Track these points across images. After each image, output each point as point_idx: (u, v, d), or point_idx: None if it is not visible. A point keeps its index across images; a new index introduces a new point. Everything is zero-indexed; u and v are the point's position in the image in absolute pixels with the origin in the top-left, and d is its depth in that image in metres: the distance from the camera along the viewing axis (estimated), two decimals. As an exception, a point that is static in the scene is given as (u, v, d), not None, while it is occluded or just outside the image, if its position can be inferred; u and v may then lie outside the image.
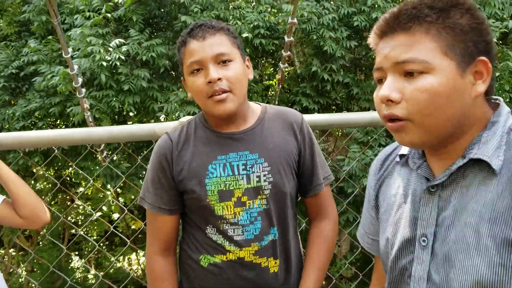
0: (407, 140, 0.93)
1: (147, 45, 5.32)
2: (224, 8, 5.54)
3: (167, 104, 5.40)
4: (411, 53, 0.89)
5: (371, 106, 5.64)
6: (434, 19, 0.89)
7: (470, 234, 0.89)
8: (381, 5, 5.40)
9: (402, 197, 1.05)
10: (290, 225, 1.49)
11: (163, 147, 1.45)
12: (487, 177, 0.89)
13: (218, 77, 1.32)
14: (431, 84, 0.87)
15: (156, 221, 1.47)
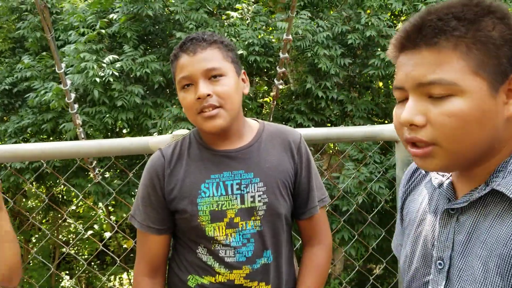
0: (431, 166, 0.86)
1: (141, 61, 5.32)
2: (219, 25, 5.56)
3: (161, 120, 5.37)
4: (437, 74, 0.80)
5: (365, 123, 5.64)
6: (463, 32, 0.79)
7: (478, 266, 0.84)
8: (375, 23, 5.44)
9: (424, 213, 1.00)
10: (284, 248, 1.42)
11: (155, 163, 1.39)
12: (507, 210, 0.83)
13: (207, 93, 1.27)
14: (460, 109, 0.79)
15: (145, 240, 1.41)
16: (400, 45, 0.85)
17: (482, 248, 0.85)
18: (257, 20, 5.72)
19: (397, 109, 0.88)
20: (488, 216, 0.85)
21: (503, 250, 0.81)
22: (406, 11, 5.68)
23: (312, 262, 1.47)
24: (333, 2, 6.06)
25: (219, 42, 1.35)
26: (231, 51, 1.38)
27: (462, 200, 0.89)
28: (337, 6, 6.01)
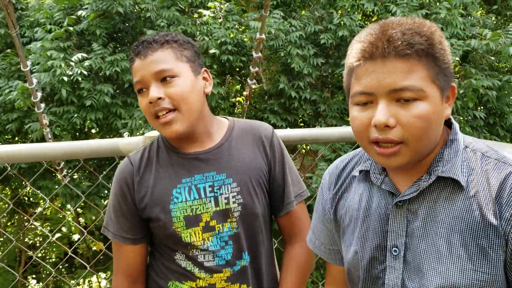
0: (395, 163, 0.97)
1: (111, 59, 5.18)
2: (191, 23, 5.48)
3: (131, 120, 5.25)
4: (408, 81, 0.91)
5: (338, 123, 5.66)
6: (425, 46, 0.92)
7: (441, 244, 0.98)
8: (347, 23, 5.47)
9: (367, 211, 1.10)
10: (263, 249, 1.39)
11: (124, 171, 1.34)
12: (454, 192, 0.98)
13: (158, 97, 1.23)
14: (426, 111, 0.92)
15: (120, 251, 1.36)
16: (367, 55, 0.94)
17: (443, 227, 0.98)
18: (230, 19, 5.66)
19: (359, 112, 0.97)
20: (438, 200, 0.99)
21: (462, 225, 0.96)
22: (377, 12, 5.74)
23: (292, 261, 1.44)
24: (306, 2, 6.06)
25: (172, 42, 1.30)
26: (188, 50, 1.33)
27: (410, 191, 1.01)
28: (309, 6, 6.01)
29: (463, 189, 0.97)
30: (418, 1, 5.67)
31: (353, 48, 0.98)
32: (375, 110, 0.94)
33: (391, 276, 1.05)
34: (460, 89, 5.25)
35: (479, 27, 5.76)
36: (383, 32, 0.93)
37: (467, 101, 5.22)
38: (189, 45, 1.34)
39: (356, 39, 1.00)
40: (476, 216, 0.95)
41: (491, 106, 5.65)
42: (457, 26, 5.50)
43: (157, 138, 1.40)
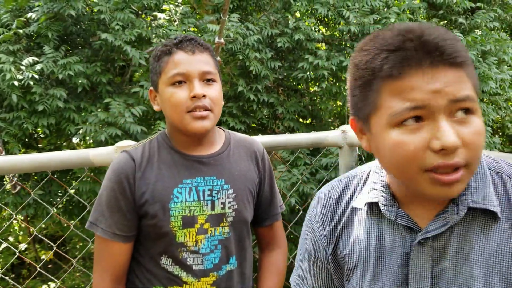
0: (458, 191, 0.80)
1: (63, 63, 5.00)
2: (146, 26, 5.39)
3: (85, 125, 5.09)
4: (466, 90, 0.78)
5: (295, 125, 5.75)
6: (467, 54, 0.81)
7: (478, 285, 0.84)
8: (303, 28, 5.56)
9: (379, 250, 0.95)
10: (248, 255, 1.45)
11: (124, 165, 1.32)
12: (487, 224, 0.85)
13: (203, 94, 1.28)
14: (482, 127, 0.79)
15: (108, 249, 1.33)
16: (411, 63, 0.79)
17: (478, 267, 0.84)
18: (186, 22, 5.62)
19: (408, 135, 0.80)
20: (468, 234, 0.85)
21: (501, 263, 0.83)
22: (331, 17, 5.88)
23: (273, 266, 1.51)
24: (261, 6, 6.11)
25: (211, 50, 1.38)
26: (217, 62, 1.41)
27: (437, 226, 0.86)
28: (265, 10, 6.07)
29: (497, 220, 0.84)
30: (369, 7, 5.87)
31: (380, 58, 0.81)
32: (432, 130, 0.78)
33: None
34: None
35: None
36: (423, 38, 0.79)
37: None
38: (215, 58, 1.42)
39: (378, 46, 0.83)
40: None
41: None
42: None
43: (155, 138, 1.42)
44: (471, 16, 6.52)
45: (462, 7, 6.25)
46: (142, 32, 5.25)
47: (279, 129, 5.90)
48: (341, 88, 5.76)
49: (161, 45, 1.36)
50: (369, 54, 0.84)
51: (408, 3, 6.07)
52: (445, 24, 6.69)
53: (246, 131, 5.77)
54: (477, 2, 6.71)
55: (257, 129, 6.07)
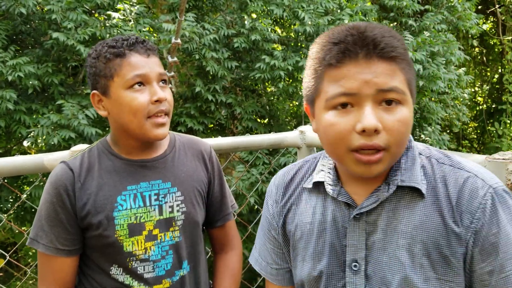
0: (377, 170, 0.92)
1: (13, 63, 4.81)
2: (100, 26, 5.26)
3: (37, 128, 4.91)
4: (394, 82, 0.88)
5: (253, 125, 5.77)
6: (403, 50, 0.91)
7: (403, 254, 0.95)
8: (259, 28, 5.60)
9: (321, 224, 1.05)
10: (201, 258, 1.43)
11: (62, 177, 1.27)
12: (413, 200, 0.96)
13: (166, 97, 1.26)
14: (407, 116, 0.90)
15: (51, 264, 1.28)
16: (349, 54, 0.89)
17: (403, 238, 0.95)
18: (141, 21, 5.53)
19: (338, 117, 0.90)
20: (397, 210, 0.97)
21: (423, 234, 0.94)
22: (287, 17, 5.94)
23: (228, 268, 1.50)
24: (217, 7, 6.10)
25: (158, 52, 1.35)
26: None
27: (369, 202, 0.98)
28: (221, 10, 6.06)
29: (423, 197, 0.95)
30: (324, 8, 5.98)
31: (326, 50, 0.92)
32: (358, 114, 0.89)
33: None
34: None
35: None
36: (362, 33, 0.90)
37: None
38: None
39: (327, 40, 0.94)
40: (437, 224, 0.93)
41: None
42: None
43: (95, 145, 1.36)
44: (420, 19, 6.76)
45: (411, 9, 6.48)
46: (96, 32, 5.12)
47: (237, 130, 5.91)
48: (298, 88, 5.84)
49: (102, 46, 1.28)
50: (319, 46, 0.95)
51: (360, 6, 6.23)
52: (395, 25, 6.91)
53: (204, 132, 5.75)
54: (426, 5, 6.97)
55: (215, 130, 6.06)
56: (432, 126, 6.66)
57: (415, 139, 6.01)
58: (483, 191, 0.92)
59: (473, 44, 8.52)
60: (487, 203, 0.91)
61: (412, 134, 6.62)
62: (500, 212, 0.91)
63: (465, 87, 7.69)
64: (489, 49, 10.57)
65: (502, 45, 9.44)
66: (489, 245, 0.91)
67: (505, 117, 8.91)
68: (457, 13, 6.97)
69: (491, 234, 0.91)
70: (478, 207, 0.92)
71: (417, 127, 6.68)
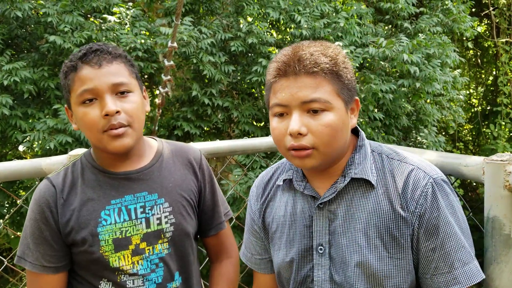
0: (310, 164, 1.11)
1: (9, 68, 4.79)
2: (96, 29, 5.26)
3: (33, 133, 4.89)
4: (316, 94, 1.06)
5: (250, 128, 5.77)
6: (330, 65, 1.08)
7: (360, 237, 1.12)
8: (255, 31, 5.61)
9: (292, 216, 1.23)
10: (193, 269, 1.39)
11: (45, 194, 1.25)
12: (366, 191, 1.14)
13: (116, 110, 1.18)
14: (332, 120, 1.07)
15: (39, 282, 1.25)
16: (282, 72, 1.08)
17: (360, 223, 1.13)
18: (137, 25, 5.53)
19: (278, 123, 1.11)
20: (354, 199, 1.15)
21: (376, 219, 1.12)
22: (283, 20, 5.96)
23: (223, 277, 1.46)
24: (214, 11, 6.10)
25: (124, 57, 1.27)
26: (134, 67, 1.30)
27: (329, 193, 1.16)
28: (218, 14, 6.07)
29: (374, 187, 1.14)
30: (319, 11, 5.99)
31: (270, 67, 1.13)
32: (289, 120, 1.08)
33: (319, 272, 1.17)
34: (362, 93, 5.64)
35: (372, 36, 6.23)
36: (295, 53, 1.08)
37: (368, 104, 5.62)
38: (134, 63, 1.32)
39: (273, 59, 1.15)
40: (387, 210, 1.11)
41: (387, 109, 6.13)
42: (354, 35, 5.90)
43: (79, 158, 1.34)
44: (416, 21, 6.79)
45: (407, 12, 6.51)
46: (92, 35, 5.12)
47: (234, 133, 5.91)
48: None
49: (68, 58, 1.27)
50: (273, 62, 1.14)
51: (356, 9, 6.25)
52: (390, 28, 6.93)
53: (201, 136, 5.74)
54: (421, 7, 7.00)
55: (212, 134, 6.05)
56: (428, 128, 6.68)
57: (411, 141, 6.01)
58: (424, 181, 1.10)
59: (468, 47, 8.56)
60: (428, 191, 1.09)
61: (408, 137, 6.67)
62: (439, 199, 1.09)
63: (460, 89, 7.72)
64: (483, 51, 10.62)
65: (496, 47, 9.49)
66: (432, 227, 1.09)
67: (500, 119, 8.95)
68: (452, 16, 7.00)
69: (433, 217, 1.08)
70: (421, 195, 1.09)
71: (413, 129, 6.70)
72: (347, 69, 1.12)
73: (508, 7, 9.21)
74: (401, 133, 6.54)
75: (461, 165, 1.29)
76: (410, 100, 6.49)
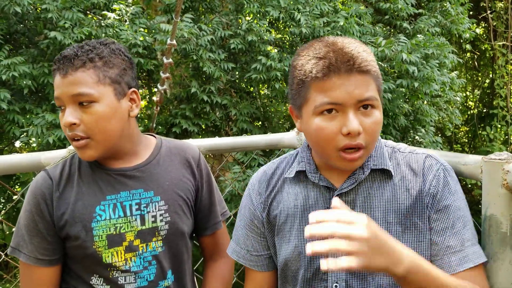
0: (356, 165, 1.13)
1: (7, 63, 4.78)
2: (96, 25, 5.25)
3: (31, 128, 4.88)
4: (370, 92, 1.08)
5: (248, 127, 5.78)
6: (375, 64, 1.11)
7: (380, 225, 1.13)
8: (255, 29, 5.61)
9: (304, 207, 1.22)
10: (186, 268, 1.39)
11: (41, 186, 1.25)
12: (384, 180, 1.18)
13: (72, 122, 1.17)
14: (380, 117, 1.10)
15: (33, 274, 1.25)
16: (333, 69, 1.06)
17: (379, 211, 1.15)
18: (137, 22, 5.52)
19: (326, 121, 1.08)
20: (372, 189, 1.17)
21: (395, 206, 1.15)
22: (283, 19, 5.96)
23: (217, 277, 1.46)
24: (214, 9, 6.10)
25: (97, 59, 1.21)
26: (114, 68, 1.24)
27: (348, 184, 1.17)
28: (218, 12, 6.07)
29: (392, 177, 1.17)
30: (319, 10, 6.00)
31: (311, 63, 1.09)
32: (342, 119, 1.07)
33: None
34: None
35: (371, 35, 6.25)
36: (342, 50, 1.08)
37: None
38: (119, 59, 1.25)
39: (310, 55, 1.10)
40: (405, 196, 1.15)
41: (385, 108, 6.15)
42: (353, 34, 5.91)
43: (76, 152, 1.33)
44: (414, 22, 6.81)
45: (406, 12, 6.52)
46: (92, 31, 5.11)
47: (232, 131, 5.91)
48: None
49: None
50: (304, 59, 1.11)
51: (355, 9, 6.26)
52: (390, 29, 6.95)
53: (199, 133, 5.75)
54: (420, 8, 7.02)
55: (210, 131, 6.06)
56: (426, 128, 6.70)
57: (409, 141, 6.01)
58: (436, 166, 1.17)
59: (465, 49, 8.58)
60: (440, 175, 1.15)
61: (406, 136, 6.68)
62: (450, 182, 1.15)
63: (457, 91, 7.74)
64: (480, 54, 10.65)
65: (493, 50, 9.52)
66: (443, 207, 1.13)
67: (496, 121, 8.98)
68: (450, 17, 7.03)
69: (444, 198, 1.13)
70: (434, 177, 1.15)
71: (411, 129, 6.72)
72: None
73: (505, 10, 9.24)
74: (399, 133, 6.56)
75: (460, 164, 1.30)
76: (408, 100, 6.51)
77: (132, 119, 1.29)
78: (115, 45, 1.28)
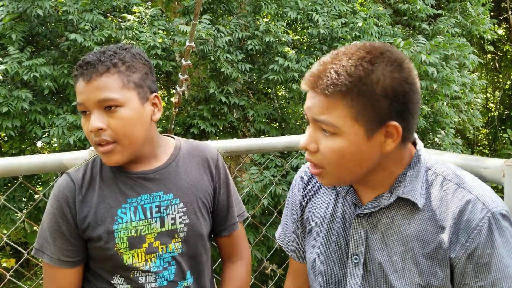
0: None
1: (29, 64, 4.87)
2: (115, 27, 5.32)
3: (52, 128, 4.97)
4: (325, 116, 0.98)
5: (265, 128, 5.78)
6: (350, 87, 0.95)
7: (396, 259, 1.06)
8: (273, 30, 5.61)
9: (332, 217, 1.18)
10: (205, 269, 1.39)
11: (64, 189, 1.26)
12: (411, 211, 1.05)
13: (99, 127, 1.17)
14: (338, 146, 0.99)
15: (56, 275, 1.27)
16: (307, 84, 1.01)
17: (398, 244, 1.06)
18: (156, 24, 5.58)
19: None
20: (396, 217, 1.07)
21: (415, 244, 1.04)
22: (301, 20, 5.95)
23: (235, 279, 1.45)
24: (231, 10, 6.12)
25: (120, 64, 1.21)
26: (137, 72, 1.24)
27: (371, 206, 1.08)
28: (235, 13, 6.09)
29: (420, 210, 1.04)
30: (337, 11, 5.98)
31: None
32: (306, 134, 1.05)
33: (351, 282, 1.12)
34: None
35: (389, 37, 6.19)
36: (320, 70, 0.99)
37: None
38: (140, 64, 1.26)
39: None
40: (431, 237, 1.02)
41: (404, 110, 6.04)
42: (372, 35, 5.87)
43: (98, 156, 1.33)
44: (434, 22, 6.73)
45: (425, 13, 6.45)
46: (112, 34, 5.18)
47: (249, 132, 5.92)
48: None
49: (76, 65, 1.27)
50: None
51: (374, 9, 6.21)
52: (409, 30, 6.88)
53: (217, 134, 5.77)
54: (439, 9, 6.93)
55: (227, 132, 6.07)
56: (446, 130, 6.61)
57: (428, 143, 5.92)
58: (482, 214, 0.99)
59: (486, 50, 8.45)
60: (484, 226, 0.98)
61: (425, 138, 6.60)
62: (495, 235, 0.98)
63: (478, 92, 7.62)
64: (501, 55, 10.47)
65: (516, 50, 9.35)
66: (483, 264, 0.98)
67: (517, 123, 8.81)
68: (470, 18, 6.93)
69: (486, 254, 0.98)
70: (475, 228, 0.98)
71: (430, 131, 6.64)
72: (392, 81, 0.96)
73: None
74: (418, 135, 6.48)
75: (481, 167, 1.29)
76: (427, 102, 6.43)
77: (153, 122, 1.30)
78: (134, 49, 1.29)
